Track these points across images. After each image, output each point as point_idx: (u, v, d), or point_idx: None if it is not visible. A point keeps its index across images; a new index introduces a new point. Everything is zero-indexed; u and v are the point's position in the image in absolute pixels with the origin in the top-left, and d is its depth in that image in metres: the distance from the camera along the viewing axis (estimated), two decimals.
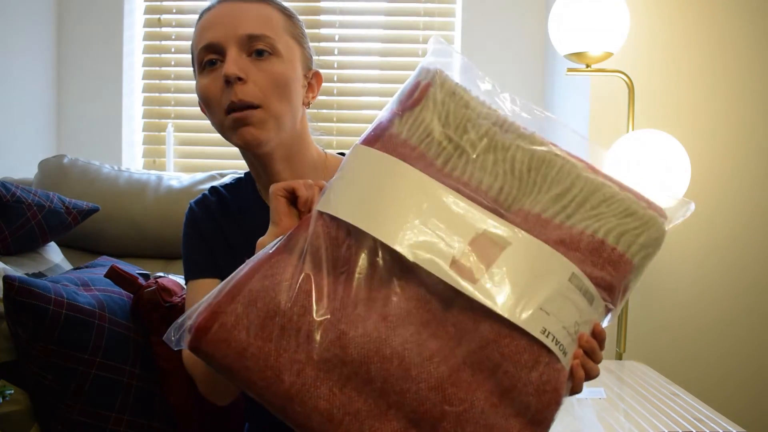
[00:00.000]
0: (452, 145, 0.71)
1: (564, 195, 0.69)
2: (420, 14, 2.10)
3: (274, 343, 0.63)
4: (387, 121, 0.73)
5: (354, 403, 0.61)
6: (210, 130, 2.21)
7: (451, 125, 0.72)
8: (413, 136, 0.71)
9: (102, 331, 1.05)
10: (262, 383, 0.62)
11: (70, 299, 1.04)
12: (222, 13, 0.87)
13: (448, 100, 0.72)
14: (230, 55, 0.84)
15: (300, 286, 0.65)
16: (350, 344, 0.62)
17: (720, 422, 1.10)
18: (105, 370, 1.04)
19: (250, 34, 0.85)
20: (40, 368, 1.00)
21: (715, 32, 1.57)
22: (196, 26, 0.90)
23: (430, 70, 0.74)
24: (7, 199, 1.30)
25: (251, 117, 0.85)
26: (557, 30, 1.45)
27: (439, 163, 0.70)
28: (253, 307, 0.64)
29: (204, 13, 0.90)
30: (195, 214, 0.99)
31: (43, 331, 0.99)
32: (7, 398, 1.00)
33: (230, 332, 0.63)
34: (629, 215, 0.69)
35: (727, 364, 1.62)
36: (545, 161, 0.71)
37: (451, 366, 0.61)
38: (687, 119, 1.58)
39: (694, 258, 1.61)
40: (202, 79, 0.87)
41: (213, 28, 0.86)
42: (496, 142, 0.71)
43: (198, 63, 0.88)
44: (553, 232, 0.67)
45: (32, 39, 1.99)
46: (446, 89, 0.73)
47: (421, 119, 0.72)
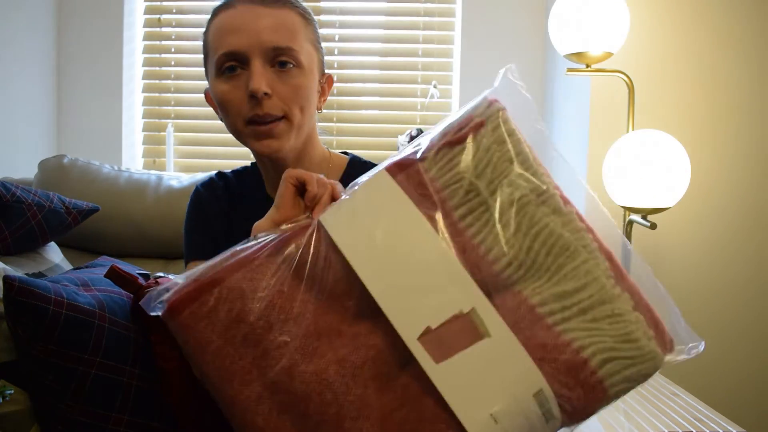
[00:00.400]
0: (478, 200, 0.65)
1: (571, 295, 0.63)
2: (420, 14, 2.10)
3: (234, 349, 0.63)
4: (421, 152, 0.67)
5: (286, 431, 0.61)
6: (210, 130, 2.22)
7: (485, 178, 0.65)
8: (442, 177, 0.66)
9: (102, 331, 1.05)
10: (215, 380, 0.63)
11: (70, 299, 1.04)
12: (245, 18, 0.85)
13: (494, 149, 0.66)
14: (256, 69, 0.83)
15: (272, 300, 0.63)
16: (298, 377, 0.61)
17: (720, 422, 1.10)
18: (105, 370, 1.04)
19: (275, 46, 0.84)
20: (40, 368, 1.00)
21: (714, 32, 1.57)
22: (213, 23, 0.88)
23: (491, 107, 0.68)
24: (7, 199, 1.30)
25: (275, 129, 0.86)
26: (557, 30, 1.45)
27: (457, 215, 0.65)
28: (224, 305, 0.64)
29: (221, 11, 0.88)
30: (201, 195, 1.01)
31: (43, 331, 0.99)
32: (7, 398, 1.00)
33: (198, 322, 0.64)
34: (628, 341, 0.62)
35: (727, 364, 1.62)
36: (568, 251, 0.64)
37: (384, 430, 0.60)
38: (687, 119, 1.58)
39: (693, 257, 1.61)
40: (219, 84, 0.87)
41: (236, 33, 0.84)
42: (525, 212, 0.64)
43: (216, 66, 0.87)
44: (539, 332, 0.62)
45: (32, 39, 1.99)
46: (497, 135, 0.66)
47: (457, 161, 0.66)
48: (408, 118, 2.12)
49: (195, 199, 1.02)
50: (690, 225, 1.60)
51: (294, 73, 0.86)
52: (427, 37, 2.11)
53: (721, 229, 1.60)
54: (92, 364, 1.03)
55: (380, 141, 2.12)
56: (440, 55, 2.12)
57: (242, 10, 0.85)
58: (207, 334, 0.64)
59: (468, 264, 0.63)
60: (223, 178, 1.03)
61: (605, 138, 1.56)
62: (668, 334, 0.64)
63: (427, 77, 2.11)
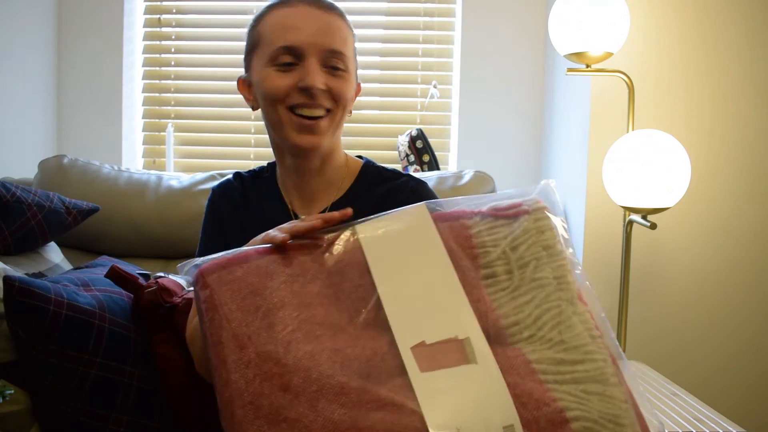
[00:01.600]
0: (505, 267, 0.73)
1: (568, 364, 0.68)
2: (420, 14, 2.10)
3: (243, 315, 0.68)
4: (470, 212, 0.77)
5: (263, 398, 0.65)
6: (210, 130, 2.22)
7: (518, 252, 0.74)
8: (480, 238, 0.75)
9: (102, 331, 1.05)
10: (215, 339, 0.68)
11: (70, 299, 1.04)
12: (305, 18, 0.91)
13: (533, 234, 0.75)
14: (312, 66, 0.90)
15: (292, 286, 0.70)
16: (293, 351, 0.66)
17: (720, 422, 1.10)
18: (105, 370, 1.04)
19: (332, 49, 0.91)
20: (40, 368, 1.00)
21: (714, 32, 1.57)
22: (270, 17, 0.93)
23: (538, 204, 0.77)
24: (7, 199, 1.30)
25: (318, 125, 0.92)
26: (557, 30, 1.45)
27: (482, 273, 0.73)
28: (248, 278, 0.70)
29: (278, 7, 0.93)
30: (215, 198, 1.05)
31: (43, 331, 0.99)
32: (7, 398, 1.00)
33: (221, 286, 0.70)
34: (615, 423, 0.65)
35: (727, 364, 1.62)
36: (574, 332, 0.70)
37: (353, 419, 0.63)
38: (687, 119, 1.58)
39: (694, 258, 1.61)
40: (271, 72, 0.91)
41: (296, 31, 0.90)
42: (543, 290, 0.72)
43: (270, 56, 0.91)
44: (529, 382, 0.66)
45: (33, 39, 1.99)
46: (538, 225, 0.75)
47: (498, 231, 0.75)
48: (408, 118, 2.12)
49: (209, 202, 1.06)
50: (690, 225, 1.60)
51: (343, 78, 0.93)
52: (427, 37, 2.11)
53: (721, 229, 1.60)
54: (92, 364, 1.03)
55: (380, 141, 2.12)
56: (440, 55, 2.12)
57: (302, 9, 0.92)
58: (224, 297, 0.69)
59: (477, 310, 0.69)
60: (239, 179, 1.07)
61: (605, 138, 1.56)
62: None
63: (427, 77, 2.11)
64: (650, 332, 1.62)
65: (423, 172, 1.86)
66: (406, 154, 1.92)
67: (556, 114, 1.90)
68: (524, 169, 2.06)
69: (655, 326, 1.62)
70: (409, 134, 1.91)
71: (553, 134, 1.92)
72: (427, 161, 1.89)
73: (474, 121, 2.05)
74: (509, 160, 2.05)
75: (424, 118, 2.12)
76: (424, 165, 1.89)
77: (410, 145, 1.90)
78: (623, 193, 1.38)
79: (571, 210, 1.74)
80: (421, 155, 1.89)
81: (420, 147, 1.89)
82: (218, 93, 2.15)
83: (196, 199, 1.60)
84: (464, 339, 0.67)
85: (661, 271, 1.62)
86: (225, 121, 2.15)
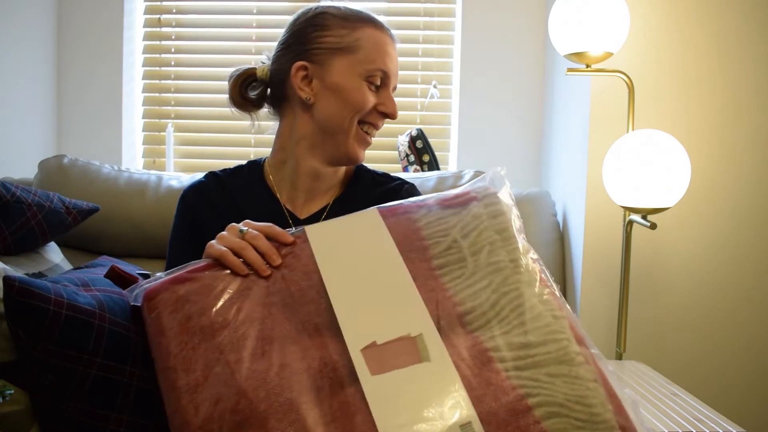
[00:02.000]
0: (458, 256, 0.71)
1: (528, 347, 0.65)
2: (420, 14, 2.10)
3: (189, 337, 0.67)
4: (416, 206, 0.76)
5: (213, 422, 0.63)
6: (210, 130, 2.22)
7: (469, 239, 0.72)
8: (428, 230, 0.73)
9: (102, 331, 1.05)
10: (162, 363, 0.67)
11: (70, 299, 1.04)
12: (391, 47, 1.02)
13: (484, 219, 0.73)
14: (390, 93, 1.01)
15: (235, 301, 0.68)
16: (241, 371, 0.64)
17: (720, 422, 1.10)
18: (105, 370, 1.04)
19: (396, 82, 1.04)
20: (40, 368, 1.00)
21: (715, 32, 1.57)
22: (369, 33, 1.00)
23: (488, 190, 0.76)
24: (7, 199, 1.30)
25: (368, 141, 1.03)
26: (557, 30, 1.45)
27: (435, 263, 0.71)
28: (191, 297, 0.69)
29: (373, 25, 1.01)
30: (187, 200, 1.05)
31: (43, 331, 0.99)
32: (7, 398, 1.00)
33: (164, 309, 0.69)
34: (582, 405, 0.61)
35: (727, 363, 1.62)
36: (534, 313, 0.67)
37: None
38: (687, 119, 1.58)
39: (694, 258, 1.61)
40: (364, 89, 0.98)
41: (389, 58, 1.00)
42: (500, 274, 0.69)
43: (367, 73, 0.98)
44: (486, 372, 0.63)
45: (32, 39, 1.99)
46: (489, 211, 0.74)
47: (446, 221, 0.74)
48: (408, 118, 2.12)
49: (180, 206, 1.05)
50: (690, 225, 1.60)
51: None
52: (427, 37, 2.11)
53: (721, 229, 1.60)
54: (92, 364, 1.03)
55: (380, 141, 2.12)
56: (440, 55, 2.12)
57: (388, 39, 1.02)
58: (169, 320, 0.68)
59: (431, 300, 0.67)
60: (213, 176, 1.07)
61: (605, 138, 1.56)
62: (632, 421, 0.62)
63: (427, 77, 2.11)
64: (650, 332, 1.62)
65: (423, 172, 1.86)
66: (406, 154, 1.92)
67: (556, 114, 1.90)
68: (524, 169, 2.06)
69: (655, 326, 1.62)
70: (409, 134, 1.91)
71: (553, 134, 1.92)
72: (427, 161, 1.89)
73: (474, 121, 2.05)
74: (509, 160, 2.05)
75: (424, 118, 2.12)
76: (424, 165, 1.89)
77: (410, 145, 1.90)
78: (623, 193, 1.38)
79: (571, 210, 1.74)
80: (421, 155, 1.89)
81: (420, 147, 1.89)
82: (218, 93, 2.15)
83: None
84: (416, 336, 0.64)
85: (661, 271, 1.62)
86: (225, 121, 2.15)
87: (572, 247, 1.71)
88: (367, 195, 1.04)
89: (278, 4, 2.08)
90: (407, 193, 1.05)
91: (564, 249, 1.76)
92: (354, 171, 1.07)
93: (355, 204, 1.01)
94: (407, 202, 0.77)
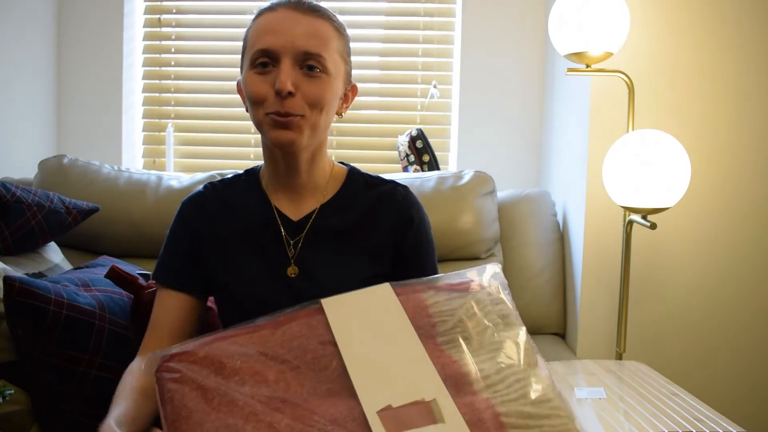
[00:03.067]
0: (463, 335, 0.76)
1: (536, 418, 0.70)
2: (420, 14, 2.10)
3: (203, 393, 0.69)
4: (424, 287, 0.81)
5: None
6: (210, 130, 2.22)
7: (474, 320, 0.77)
8: (436, 308, 0.78)
9: (102, 332, 1.06)
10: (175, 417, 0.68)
11: (70, 299, 1.04)
12: (283, 21, 0.92)
13: (487, 304, 0.79)
14: (284, 68, 0.90)
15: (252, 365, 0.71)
16: (252, 422, 0.66)
17: (720, 422, 1.10)
18: (105, 371, 1.04)
19: (306, 50, 0.91)
20: (40, 368, 1.01)
21: (715, 32, 1.57)
22: (256, 22, 0.95)
23: (491, 280, 0.82)
24: (7, 199, 1.30)
25: (291, 123, 0.91)
26: (557, 30, 1.45)
27: (440, 340, 0.76)
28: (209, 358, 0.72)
29: (264, 12, 0.95)
30: (185, 211, 1.04)
31: (43, 332, 1.00)
32: (7, 398, 1.00)
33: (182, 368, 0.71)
34: None
35: (727, 364, 1.62)
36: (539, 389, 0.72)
37: None
38: (687, 119, 1.58)
39: (694, 258, 1.61)
40: (250, 76, 0.93)
41: (272, 33, 0.91)
42: (502, 353, 0.75)
43: (250, 60, 0.93)
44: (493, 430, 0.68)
45: (32, 39, 1.99)
46: (493, 298, 0.80)
47: (452, 302, 0.79)
48: (408, 118, 2.12)
49: (178, 216, 1.05)
50: (690, 225, 1.60)
51: (320, 79, 0.92)
52: (427, 37, 2.11)
53: (721, 229, 1.60)
54: (92, 365, 1.03)
55: (380, 141, 2.12)
56: (440, 55, 2.12)
57: (283, 14, 0.93)
58: (185, 379, 0.70)
59: (439, 366, 0.72)
60: (211, 187, 1.06)
61: (605, 138, 1.56)
62: None
63: (427, 77, 2.11)
64: (650, 332, 1.62)
65: (423, 172, 1.86)
66: (406, 154, 1.92)
67: (556, 114, 1.90)
68: (524, 169, 2.06)
69: (655, 326, 1.62)
70: (409, 134, 1.91)
71: (553, 134, 1.92)
72: (427, 161, 1.89)
73: (474, 121, 2.05)
74: (509, 160, 2.05)
75: (424, 118, 2.12)
76: (424, 165, 1.89)
77: (410, 145, 1.90)
78: (623, 193, 1.38)
79: (571, 210, 1.74)
80: (421, 155, 1.89)
81: (420, 147, 1.89)
82: (218, 93, 2.15)
83: None
84: (431, 400, 0.68)
85: (661, 271, 1.62)
86: (225, 121, 2.16)
87: (572, 247, 1.71)
88: (360, 197, 1.03)
89: None
90: (401, 196, 1.03)
91: (564, 249, 1.77)
92: (345, 173, 1.06)
93: (348, 205, 1.01)
94: (417, 282, 0.82)
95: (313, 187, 1.01)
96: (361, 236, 1.00)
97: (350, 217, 1.01)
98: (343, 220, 1.00)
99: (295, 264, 0.98)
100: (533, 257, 1.73)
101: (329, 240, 0.99)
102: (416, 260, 1.03)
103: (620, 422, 1.10)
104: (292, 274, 0.98)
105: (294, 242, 0.99)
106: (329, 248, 0.99)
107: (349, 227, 1.00)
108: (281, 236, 0.99)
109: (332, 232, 1.00)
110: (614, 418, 1.11)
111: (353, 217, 1.01)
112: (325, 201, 1.01)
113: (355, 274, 0.97)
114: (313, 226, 1.00)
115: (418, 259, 1.03)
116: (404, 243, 1.01)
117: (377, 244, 1.00)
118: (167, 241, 1.04)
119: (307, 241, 0.99)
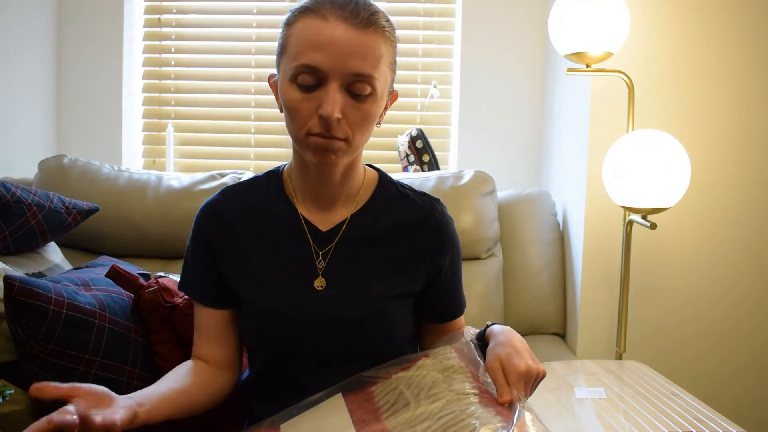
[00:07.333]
0: (403, 404, 0.80)
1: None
2: (420, 14, 2.10)
3: None
4: (375, 380, 0.86)
5: None
6: (210, 130, 2.22)
7: (412, 386, 0.82)
8: (382, 397, 0.83)
9: (102, 331, 1.05)
10: None
11: (70, 299, 1.04)
12: (335, 38, 0.82)
13: (428, 367, 0.83)
14: (331, 93, 0.82)
15: None
16: None
17: (720, 422, 1.10)
18: (105, 370, 1.04)
19: (357, 72, 0.82)
20: (40, 368, 1.00)
21: (714, 32, 1.57)
22: (301, 24, 0.84)
23: (443, 348, 0.84)
24: (7, 199, 1.30)
25: (333, 146, 0.85)
26: (557, 30, 1.45)
27: (383, 416, 0.80)
28: None
29: (311, 14, 0.84)
30: (201, 222, 0.98)
31: (43, 331, 1.00)
32: (7, 398, 1.00)
33: None
34: None
35: (727, 363, 1.62)
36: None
37: None
38: (687, 119, 1.58)
39: (693, 258, 1.61)
40: (292, 90, 0.85)
41: (321, 50, 0.81)
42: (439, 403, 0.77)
43: (292, 72, 0.84)
44: None
45: (32, 39, 1.99)
46: (436, 360, 0.84)
47: (396, 381, 0.83)
48: (408, 118, 2.12)
49: (195, 226, 0.99)
50: (690, 225, 1.60)
51: (367, 101, 0.85)
52: (427, 37, 2.11)
53: (721, 229, 1.60)
54: (92, 364, 1.03)
55: (380, 141, 2.12)
56: (440, 55, 2.12)
57: (333, 25, 0.82)
58: None
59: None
60: (231, 193, 0.99)
61: (605, 138, 1.56)
62: None
63: (427, 77, 2.11)
64: (650, 332, 1.62)
65: (423, 172, 1.86)
66: (406, 154, 1.92)
67: (556, 114, 1.90)
68: (524, 169, 2.06)
69: (655, 326, 1.62)
70: (409, 134, 1.91)
71: (553, 134, 1.92)
72: (427, 161, 1.89)
73: (474, 121, 2.05)
74: (509, 160, 2.05)
75: (424, 118, 2.12)
76: (424, 165, 1.89)
77: (410, 145, 1.90)
78: (623, 193, 1.38)
79: (571, 210, 1.74)
80: (421, 155, 1.89)
81: (420, 147, 1.89)
82: (218, 93, 2.15)
83: (196, 199, 1.60)
84: None
85: (660, 271, 1.62)
86: (225, 121, 2.16)
87: (572, 247, 1.71)
88: (392, 206, 0.97)
89: (278, 4, 2.08)
90: (439, 215, 0.98)
91: (564, 249, 1.77)
92: (377, 180, 1.00)
93: (380, 214, 0.96)
94: (371, 381, 0.86)
95: (345, 196, 0.96)
96: (393, 250, 0.95)
97: (381, 227, 0.96)
98: (375, 231, 0.95)
99: (323, 276, 0.93)
100: (533, 257, 1.73)
101: (359, 252, 0.94)
102: (452, 279, 1.00)
103: (620, 422, 1.10)
104: (319, 286, 0.93)
105: (323, 253, 0.94)
106: (359, 260, 0.94)
107: (380, 238, 0.95)
108: (309, 247, 0.94)
109: (362, 243, 0.95)
110: (614, 418, 1.11)
111: (385, 227, 0.96)
112: (356, 210, 0.96)
113: (385, 291, 0.93)
114: (344, 236, 0.95)
115: (454, 275, 1.01)
116: (443, 266, 0.97)
117: (411, 261, 0.95)
118: (188, 252, 0.99)
119: (336, 253, 0.94)
